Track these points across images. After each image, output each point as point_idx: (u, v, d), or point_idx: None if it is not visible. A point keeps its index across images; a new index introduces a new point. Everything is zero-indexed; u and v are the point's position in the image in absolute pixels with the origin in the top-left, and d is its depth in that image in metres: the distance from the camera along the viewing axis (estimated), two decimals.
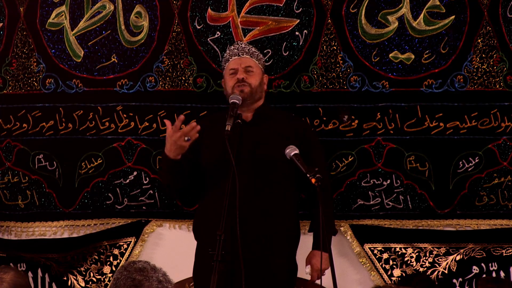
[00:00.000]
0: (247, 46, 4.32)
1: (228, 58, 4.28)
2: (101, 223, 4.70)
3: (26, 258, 4.67)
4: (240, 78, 4.19)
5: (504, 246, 4.54)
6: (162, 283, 3.07)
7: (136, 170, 4.66)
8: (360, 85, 4.59)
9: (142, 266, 3.07)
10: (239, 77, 4.19)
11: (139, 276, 3.03)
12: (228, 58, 4.28)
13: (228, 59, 4.28)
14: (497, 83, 4.55)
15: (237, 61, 4.25)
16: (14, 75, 4.72)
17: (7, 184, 4.73)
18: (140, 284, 3.03)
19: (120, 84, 4.68)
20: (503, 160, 4.56)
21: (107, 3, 4.67)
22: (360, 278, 4.63)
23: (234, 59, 4.26)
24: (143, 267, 3.07)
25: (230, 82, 4.21)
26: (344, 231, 4.61)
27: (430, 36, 4.57)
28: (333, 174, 4.60)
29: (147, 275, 3.04)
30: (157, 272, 3.07)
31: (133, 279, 3.02)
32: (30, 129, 4.71)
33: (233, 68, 4.23)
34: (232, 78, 4.22)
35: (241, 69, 4.22)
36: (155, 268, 3.09)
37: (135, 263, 3.10)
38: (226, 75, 4.28)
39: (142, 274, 3.04)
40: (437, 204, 4.58)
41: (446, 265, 4.55)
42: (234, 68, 4.23)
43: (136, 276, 3.03)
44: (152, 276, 3.05)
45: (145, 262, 3.11)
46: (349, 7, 4.58)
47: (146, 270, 3.06)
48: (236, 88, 4.17)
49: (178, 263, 4.35)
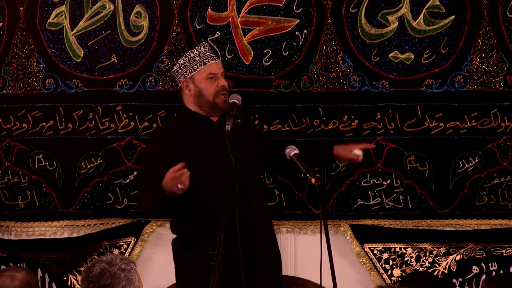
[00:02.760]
0: (214, 48, 4.25)
1: (203, 61, 4.14)
2: (101, 223, 4.71)
3: (26, 258, 4.67)
4: (224, 86, 4.13)
5: (504, 246, 4.54)
6: (126, 270, 3.07)
7: (136, 170, 4.66)
8: (360, 85, 4.59)
9: (100, 269, 3.06)
10: (224, 84, 4.14)
11: (105, 280, 3.03)
12: (203, 61, 4.14)
13: (202, 61, 4.14)
14: (497, 83, 4.55)
15: (215, 66, 4.16)
16: (14, 75, 4.72)
17: (7, 184, 4.73)
18: (113, 285, 3.03)
19: (120, 84, 4.68)
20: (503, 160, 4.56)
21: (107, 3, 4.67)
22: (360, 278, 4.63)
23: (212, 63, 4.15)
24: (102, 270, 3.05)
25: (210, 88, 4.11)
26: (344, 231, 4.61)
27: (430, 36, 4.57)
28: (333, 174, 4.60)
29: (111, 274, 3.04)
30: (115, 264, 3.06)
31: (103, 286, 3.02)
32: (30, 129, 4.71)
33: (212, 73, 4.13)
34: (212, 83, 4.12)
35: (220, 76, 4.16)
36: (111, 262, 3.08)
37: (91, 270, 3.07)
38: (201, 78, 4.13)
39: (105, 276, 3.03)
40: (437, 204, 4.58)
41: (446, 265, 4.55)
42: (214, 73, 4.13)
43: (103, 282, 3.02)
44: (115, 271, 3.04)
45: (97, 262, 3.10)
46: (349, 7, 4.58)
47: (105, 270, 3.05)
48: (219, 97, 4.11)
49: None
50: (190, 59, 4.16)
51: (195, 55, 4.16)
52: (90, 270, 3.06)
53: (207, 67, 4.15)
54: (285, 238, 4.62)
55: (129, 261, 3.10)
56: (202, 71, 4.15)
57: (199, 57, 4.15)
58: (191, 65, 4.15)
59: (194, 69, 4.15)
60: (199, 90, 4.15)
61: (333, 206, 4.60)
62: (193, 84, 4.16)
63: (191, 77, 4.16)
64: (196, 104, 4.16)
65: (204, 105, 4.14)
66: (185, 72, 4.16)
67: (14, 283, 3.31)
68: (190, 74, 4.16)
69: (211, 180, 4.05)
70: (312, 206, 4.61)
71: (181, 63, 4.17)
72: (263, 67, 4.61)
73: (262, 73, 4.62)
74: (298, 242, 4.65)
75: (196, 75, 4.15)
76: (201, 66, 4.15)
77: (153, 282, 4.57)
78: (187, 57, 4.17)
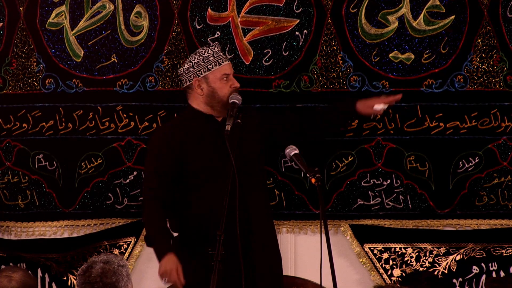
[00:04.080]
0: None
1: (218, 62, 4.14)
2: (101, 223, 4.71)
3: (26, 258, 4.67)
4: (238, 87, 4.14)
5: (504, 246, 4.54)
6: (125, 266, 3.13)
7: (136, 170, 4.66)
8: (360, 85, 4.59)
9: (101, 269, 3.07)
10: (237, 85, 4.15)
11: (109, 279, 3.03)
12: (218, 62, 4.14)
13: (217, 62, 4.14)
14: (497, 83, 4.55)
15: (228, 67, 4.17)
16: (14, 75, 4.72)
17: (7, 184, 4.73)
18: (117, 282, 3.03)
19: (120, 84, 4.68)
20: (503, 160, 4.56)
21: (107, 3, 4.67)
22: (360, 278, 4.63)
23: (226, 64, 4.16)
24: (103, 270, 3.06)
25: (224, 89, 4.12)
26: (344, 231, 4.61)
27: (430, 36, 4.57)
28: (333, 174, 4.60)
29: (113, 272, 3.04)
30: (112, 262, 3.08)
31: (106, 284, 3.03)
32: (30, 129, 4.71)
33: (227, 74, 4.14)
34: (226, 83, 4.12)
35: (232, 77, 4.17)
36: (107, 260, 3.09)
37: (90, 272, 3.08)
38: (216, 78, 4.13)
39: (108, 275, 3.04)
40: (437, 204, 4.58)
41: (446, 265, 4.55)
42: (227, 74, 4.14)
43: (107, 280, 3.03)
44: (116, 268, 3.05)
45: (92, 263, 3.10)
46: (349, 7, 4.58)
47: (106, 269, 3.06)
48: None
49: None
50: (204, 58, 4.14)
51: (210, 54, 4.14)
52: (89, 272, 3.07)
53: (221, 68, 4.14)
54: (285, 238, 4.62)
55: (122, 257, 3.12)
56: (216, 71, 4.13)
57: (213, 57, 4.14)
58: (205, 65, 4.13)
59: (208, 68, 4.13)
60: (212, 90, 4.14)
61: (333, 206, 4.60)
62: (206, 84, 4.14)
63: (204, 76, 4.14)
64: (207, 104, 4.15)
65: (217, 105, 4.13)
66: (198, 71, 4.14)
67: (12, 284, 3.31)
68: (204, 73, 4.14)
69: (212, 180, 4.06)
70: (312, 206, 4.61)
71: (194, 62, 4.15)
72: (263, 67, 4.61)
73: (262, 73, 4.62)
74: (298, 242, 4.65)
75: (210, 75, 4.13)
76: (216, 66, 4.14)
77: (153, 282, 4.57)
78: (201, 56, 4.14)
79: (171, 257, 3.97)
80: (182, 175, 4.10)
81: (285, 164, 4.61)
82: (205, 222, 4.01)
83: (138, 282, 4.64)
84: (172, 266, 3.95)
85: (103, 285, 3.05)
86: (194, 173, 4.08)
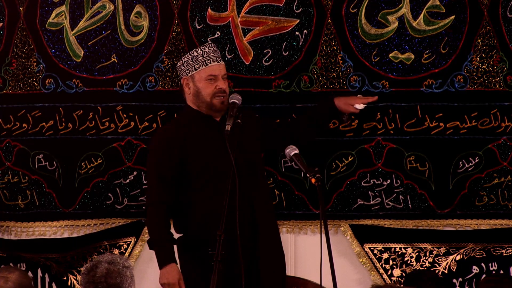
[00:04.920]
0: (218, 50, 4.26)
1: (205, 62, 4.14)
2: (101, 223, 4.71)
3: (26, 258, 4.67)
4: (222, 89, 4.13)
5: (504, 246, 4.54)
6: (130, 267, 3.14)
7: (136, 170, 4.66)
8: (360, 85, 4.59)
9: (106, 269, 3.07)
10: (222, 87, 4.14)
11: (113, 280, 3.04)
12: (205, 62, 4.14)
13: (205, 62, 4.14)
14: (497, 83, 4.55)
15: (217, 68, 4.16)
16: (14, 75, 4.72)
17: (7, 184, 4.72)
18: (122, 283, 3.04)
19: (120, 84, 4.68)
20: (503, 160, 4.56)
21: (107, 3, 4.67)
22: (360, 278, 4.63)
23: (214, 64, 4.15)
24: (108, 270, 3.07)
25: (208, 89, 4.12)
26: (344, 231, 4.62)
27: (430, 36, 4.56)
28: (333, 174, 4.60)
29: (117, 272, 3.05)
30: (117, 263, 3.08)
31: (111, 285, 3.03)
32: (30, 129, 4.71)
33: (213, 75, 4.13)
34: (211, 84, 4.12)
35: (221, 78, 4.16)
36: (112, 261, 3.09)
37: (95, 272, 3.08)
38: (201, 78, 4.14)
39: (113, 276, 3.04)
40: (437, 204, 4.58)
41: (446, 265, 4.55)
42: (214, 75, 4.13)
43: (111, 281, 3.03)
44: (120, 269, 3.05)
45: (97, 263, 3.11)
46: (349, 7, 4.58)
47: (111, 270, 3.06)
48: (216, 98, 4.12)
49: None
50: (193, 57, 4.16)
51: (199, 54, 4.16)
52: (94, 271, 3.07)
53: (208, 68, 4.15)
54: (285, 238, 4.62)
55: (126, 258, 3.13)
56: (202, 71, 4.15)
57: (202, 57, 4.16)
58: (193, 64, 4.16)
59: (195, 68, 4.16)
60: (197, 90, 4.16)
61: (333, 206, 4.60)
62: (192, 83, 4.17)
63: (191, 75, 4.17)
64: (194, 103, 4.18)
65: (202, 105, 4.15)
66: (186, 70, 4.17)
67: (8, 285, 3.31)
68: (191, 72, 4.17)
69: (214, 180, 4.06)
70: (312, 206, 4.61)
71: (184, 60, 4.18)
72: (263, 67, 4.61)
73: (262, 73, 4.62)
74: (298, 242, 4.65)
75: (197, 74, 4.16)
76: (202, 66, 4.15)
77: (153, 282, 4.56)
78: (190, 55, 4.17)
79: (173, 268, 3.99)
80: (184, 176, 4.10)
81: (285, 164, 4.61)
82: (208, 223, 4.01)
83: (138, 282, 4.62)
84: (175, 279, 3.98)
85: (107, 286, 3.05)
86: (196, 174, 4.09)
